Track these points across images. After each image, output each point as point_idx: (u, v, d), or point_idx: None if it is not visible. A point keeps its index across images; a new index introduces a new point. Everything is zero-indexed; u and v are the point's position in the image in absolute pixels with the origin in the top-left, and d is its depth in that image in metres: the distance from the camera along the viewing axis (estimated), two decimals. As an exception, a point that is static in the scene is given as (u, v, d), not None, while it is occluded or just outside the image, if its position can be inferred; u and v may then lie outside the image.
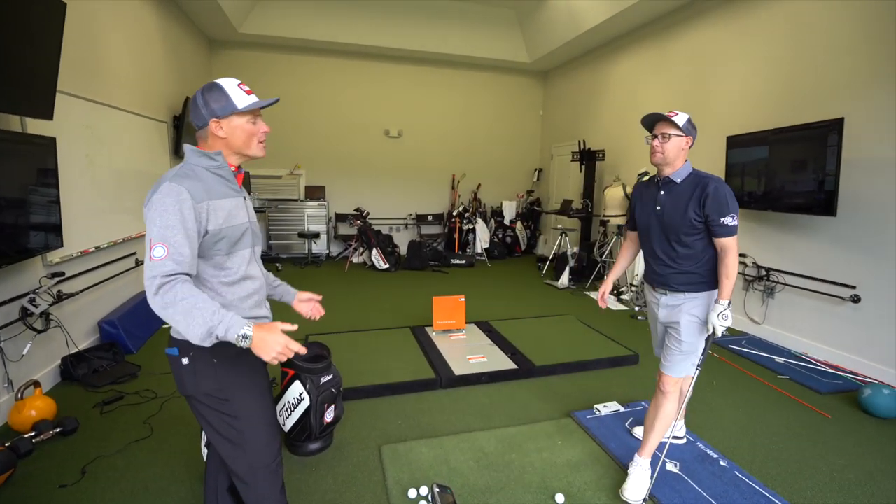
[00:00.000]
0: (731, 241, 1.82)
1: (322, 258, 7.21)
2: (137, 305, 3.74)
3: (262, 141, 1.35)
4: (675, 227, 1.90)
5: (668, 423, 2.01)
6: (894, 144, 3.11)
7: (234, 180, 1.35)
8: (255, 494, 1.37)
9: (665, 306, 2.01)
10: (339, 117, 7.43)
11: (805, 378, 3.21)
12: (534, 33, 7.04)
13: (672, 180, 1.92)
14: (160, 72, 4.79)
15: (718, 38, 4.58)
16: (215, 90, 1.25)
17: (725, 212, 1.79)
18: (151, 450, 2.28)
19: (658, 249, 1.99)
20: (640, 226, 2.08)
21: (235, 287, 1.31)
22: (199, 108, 1.25)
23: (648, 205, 2.01)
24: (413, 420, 2.60)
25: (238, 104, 1.26)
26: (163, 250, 1.12)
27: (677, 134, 1.86)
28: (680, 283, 1.94)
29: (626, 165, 5.94)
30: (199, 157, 1.29)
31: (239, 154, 1.33)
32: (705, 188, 1.82)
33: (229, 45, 6.75)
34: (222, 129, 1.27)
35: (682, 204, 1.87)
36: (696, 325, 1.93)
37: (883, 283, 3.19)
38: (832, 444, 2.45)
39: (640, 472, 2.01)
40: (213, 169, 1.29)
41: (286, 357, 1.15)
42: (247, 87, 1.31)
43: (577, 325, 4.19)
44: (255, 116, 1.31)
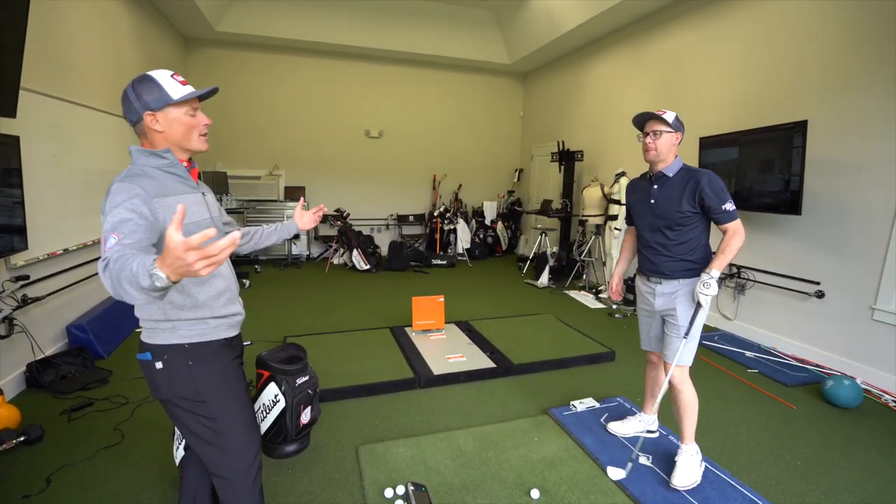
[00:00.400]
0: (736, 225, 1.91)
1: (302, 259, 7.14)
2: (109, 309, 3.64)
3: (203, 134, 1.31)
4: (668, 217, 2.00)
5: (694, 408, 2.08)
6: (853, 146, 3.24)
7: (189, 177, 1.31)
8: (235, 495, 1.36)
9: (661, 295, 2.08)
10: (318, 117, 7.37)
11: (773, 371, 3.32)
12: (513, 35, 7.10)
13: (664, 175, 2.03)
14: (133, 70, 4.68)
15: (691, 41, 4.69)
16: (147, 82, 1.21)
17: (725, 199, 1.90)
18: (121, 456, 2.23)
19: (652, 240, 2.08)
20: (636, 218, 2.18)
21: (206, 286, 1.30)
22: (132, 102, 1.20)
23: (642, 199, 2.12)
24: (391, 420, 2.60)
25: (173, 95, 1.22)
26: (114, 240, 1.05)
27: (668, 130, 1.96)
28: (674, 269, 2.03)
29: (604, 166, 6.04)
30: (146, 156, 1.24)
31: (180, 148, 1.28)
32: (699, 182, 1.92)
33: (206, 43, 6.64)
34: (158, 123, 1.22)
35: (676, 196, 1.97)
36: (691, 307, 2.01)
37: (844, 278, 3.31)
38: (797, 434, 2.54)
39: (685, 460, 2.08)
40: (165, 167, 1.25)
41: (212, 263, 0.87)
42: (181, 78, 1.27)
43: (556, 324, 4.24)
44: (193, 108, 1.27)
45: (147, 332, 1.29)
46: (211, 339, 1.32)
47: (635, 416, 2.48)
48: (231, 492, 1.36)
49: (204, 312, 1.29)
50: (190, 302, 1.27)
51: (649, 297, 2.15)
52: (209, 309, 1.30)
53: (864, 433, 2.56)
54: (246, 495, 1.37)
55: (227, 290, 1.37)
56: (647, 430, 2.43)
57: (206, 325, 1.31)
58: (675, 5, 4.87)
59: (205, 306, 1.29)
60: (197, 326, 1.29)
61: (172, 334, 1.27)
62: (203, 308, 1.29)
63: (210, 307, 1.30)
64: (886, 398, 2.95)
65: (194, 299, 1.28)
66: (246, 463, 1.36)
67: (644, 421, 2.44)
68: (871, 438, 2.51)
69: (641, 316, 2.28)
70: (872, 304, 3.14)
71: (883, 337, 3.09)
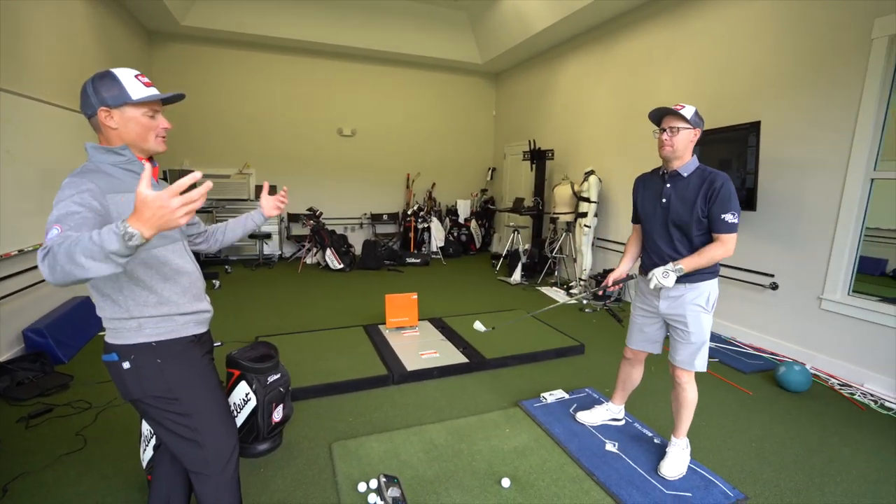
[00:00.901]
0: (729, 239, 1.84)
1: (274, 259, 7.02)
2: (69, 312, 3.51)
3: (161, 136, 1.29)
4: (681, 221, 1.91)
5: (693, 406, 2.10)
6: (803, 145, 3.44)
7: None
8: (213, 491, 1.36)
9: (666, 297, 2.02)
10: (289, 116, 7.26)
11: (732, 360, 3.49)
12: (485, 35, 7.18)
13: (679, 174, 1.94)
14: (92, 64, 4.51)
15: (655, 44, 4.86)
16: (107, 79, 1.19)
17: (729, 208, 1.82)
18: (84, 462, 2.17)
19: (660, 241, 2.01)
20: (645, 218, 2.09)
21: (170, 282, 1.29)
22: (89, 97, 1.19)
23: (652, 197, 2.03)
24: (364, 417, 2.61)
25: (132, 95, 1.20)
26: (56, 231, 1.01)
27: (685, 127, 1.88)
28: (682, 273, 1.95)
29: (574, 164, 6.18)
30: (102, 153, 1.22)
31: (135, 147, 1.26)
32: (713, 183, 1.84)
33: (171, 38, 6.44)
34: (113, 120, 1.20)
35: (690, 198, 1.88)
36: (700, 314, 1.97)
37: (795, 270, 3.51)
38: (752, 417, 2.69)
39: (676, 452, 2.13)
40: (122, 165, 1.23)
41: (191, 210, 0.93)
42: (146, 80, 1.25)
43: (528, 319, 4.32)
44: (153, 111, 1.25)
45: (111, 332, 1.27)
46: (179, 336, 1.31)
47: (602, 405, 2.56)
48: (209, 487, 1.36)
49: (170, 309, 1.28)
50: (155, 298, 1.26)
51: (653, 298, 2.10)
52: (175, 305, 1.29)
53: (813, 414, 2.73)
54: (224, 490, 1.37)
55: (193, 286, 1.36)
56: (613, 419, 2.53)
57: (174, 321, 1.30)
58: (640, 9, 5.03)
59: (171, 302, 1.28)
60: (163, 324, 1.28)
61: (138, 333, 1.25)
62: (169, 304, 1.28)
63: (176, 304, 1.29)
64: (833, 382, 3.15)
65: (159, 295, 1.26)
66: (223, 458, 1.36)
67: (611, 410, 2.52)
68: (818, 419, 2.68)
69: (638, 315, 2.22)
70: (820, 294, 3.34)
71: (830, 325, 3.29)
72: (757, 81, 3.77)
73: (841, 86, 3.19)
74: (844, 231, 3.20)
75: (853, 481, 2.13)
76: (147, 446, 1.88)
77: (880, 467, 2.24)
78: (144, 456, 1.90)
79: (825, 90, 3.29)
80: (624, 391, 2.48)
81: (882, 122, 3.03)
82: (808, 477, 2.15)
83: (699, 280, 1.98)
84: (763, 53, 3.72)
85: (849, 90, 3.15)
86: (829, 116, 3.26)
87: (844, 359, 3.21)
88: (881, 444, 2.44)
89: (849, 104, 3.15)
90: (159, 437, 1.53)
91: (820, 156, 3.33)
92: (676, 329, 2.06)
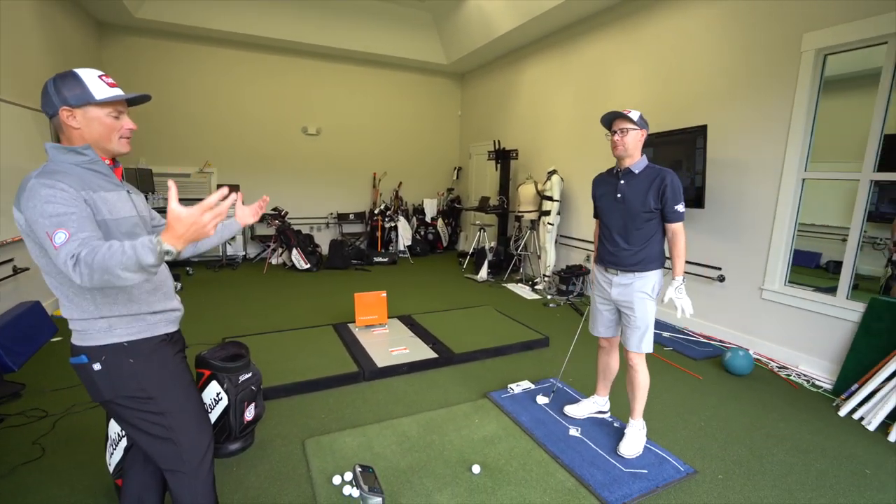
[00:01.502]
0: (680, 227, 2.12)
1: (238, 260, 6.86)
2: (18, 318, 3.34)
3: (125, 137, 1.29)
4: (633, 212, 2.14)
5: (646, 388, 2.29)
6: (744, 148, 3.72)
7: (112, 174, 1.29)
8: (190, 488, 1.37)
9: (617, 285, 2.24)
10: (252, 114, 7.10)
11: (684, 348, 3.73)
12: (450, 36, 7.27)
13: (631, 171, 2.16)
14: (37, 56, 4.28)
15: (611, 50, 5.09)
16: (69, 78, 1.19)
17: (679, 200, 2.08)
18: (45, 471, 2.10)
19: (614, 232, 2.22)
20: (602, 212, 2.30)
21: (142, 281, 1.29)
22: (50, 96, 1.18)
23: (609, 193, 2.24)
24: (337, 413, 2.64)
25: (96, 94, 1.19)
26: (64, 235, 1.05)
27: (633, 128, 2.10)
28: (631, 262, 2.18)
29: (538, 164, 6.38)
30: (63, 153, 1.20)
31: (99, 148, 1.25)
32: (663, 179, 2.07)
33: (124, 30, 6.16)
34: (75, 119, 1.19)
35: (642, 192, 2.11)
36: (645, 300, 2.19)
37: (740, 263, 3.80)
38: (701, 399, 2.90)
39: (633, 432, 2.30)
40: (85, 164, 1.22)
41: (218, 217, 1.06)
42: (111, 80, 1.25)
43: (495, 315, 4.45)
44: (118, 111, 1.25)
45: (79, 334, 1.26)
46: (150, 336, 1.32)
47: (589, 399, 2.67)
48: (185, 485, 1.36)
49: (140, 308, 1.29)
50: (125, 296, 1.26)
51: (606, 286, 2.30)
52: (146, 304, 1.30)
53: (754, 394, 2.97)
54: (200, 487, 1.38)
55: (164, 284, 1.36)
56: (599, 411, 2.65)
57: (144, 321, 1.30)
58: (596, 16, 5.26)
59: (140, 301, 1.28)
60: (134, 324, 1.29)
61: (109, 334, 1.25)
62: (139, 303, 1.28)
63: (146, 302, 1.30)
64: (772, 365, 3.43)
65: (129, 293, 1.26)
66: (199, 455, 1.37)
67: (597, 402, 2.65)
68: (758, 399, 2.92)
69: (595, 303, 2.41)
70: (761, 284, 3.63)
71: (770, 313, 3.59)
72: (703, 88, 4.04)
73: (776, 94, 3.48)
74: (781, 227, 3.49)
75: (787, 452, 2.36)
76: (115, 450, 1.85)
77: (809, 438, 2.49)
78: (112, 460, 1.87)
79: (762, 97, 3.57)
80: (605, 380, 2.61)
81: (811, 127, 3.33)
82: (748, 450, 2.37)
83: (647, 270, 2.19)
84: (708, 62, 3.99)
85: (782, 98, 3.43)
86: (766, 121, 3.55)
87: (782, 343, 3.51)
88: (811, 418, 2.70)
89: (782, 111, 3.44)
90: (131, 439, 1.53)
91: (759, 157, 3.62)
92: (626, 314, 2.26)
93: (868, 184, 3.04)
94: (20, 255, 3.78)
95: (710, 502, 1.98)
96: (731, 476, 2.16)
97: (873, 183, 3.04)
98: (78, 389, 2.85)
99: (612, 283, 2.27)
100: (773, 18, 3.49)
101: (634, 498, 1.97)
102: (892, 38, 2.88)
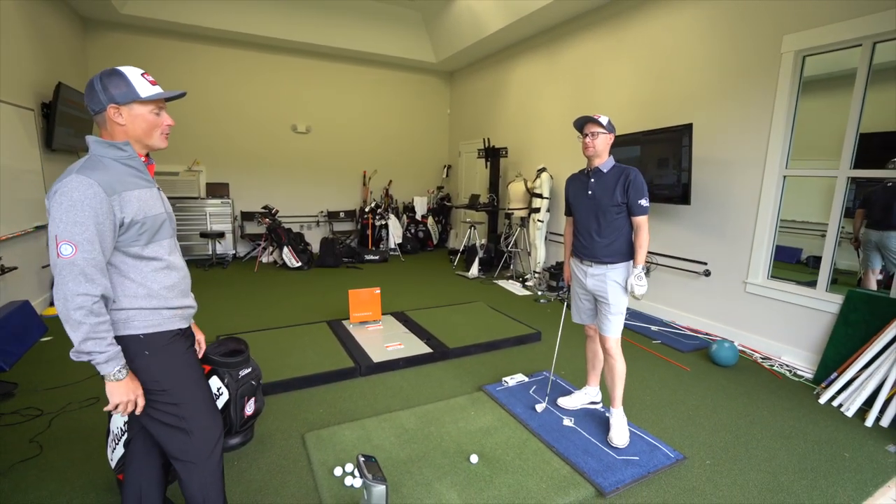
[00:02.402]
0: (644, 220, 2.27)
1: (228, 259, 6.82)
2: (7, 317, 3.29)
3: (165, 133, 1.34)
4: (603, 207, 2.30)
5: (623, 375, 2.39)
6: (728, 146, 3.83)
7: (145, 171, 1.33)
8: (201, 478, 1.40)
9: (592, 276, 2.38)
10: (241, 111, 7.05)
11: (672, 341, 3.84)
12: (439, 35, 7.30)
13: (601, 170, 2.34)
14: (20, 52, 4.20)
15: (598, 50, 5.18)
16: (115, 76, 1.23)
17: (642, 195, 2.25)
18: (43, 468, 2.10)
19: (588, 227, 2.38)
20: (575, 209, 2.46)
21: (160, 275, 1.32)
22: (97, 93, 1.22)
23: (581, 192, 2.41)
24: (335, 407, 2.68)
25: (140, 93, 1.25)
26: (70, 248, 1.12)
27: (603, 132, 2.28)
28: (604, 254, 2.33)
29: (527, 162, 6.45)
30: (105, 147, 1.25)
31: (140, 143, 1.31)
32: (628, 176, 2.25)
33: (109, 26, 6.07)
34: (121, 116, 1.25)
35: (610, 189, 2.29)
36: (618, 288, 2.33)
37: (725, 258, 3.91)
38: (689, 390, 3.00)
39: (618, 420, 2.38)
40: (123, 160, 1.27)
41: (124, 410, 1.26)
42: (151, 78, 1.30)
43: (487, 310, 4.51)
44: (158, 108, 1.30)
45: None
46: (165, 330, 1.35)
47: (581, 390, 2.75)
48: (195, 476, 1.39)
49: (158, 303, 1.31)
50: (144, 291, 1.29)
51: (582, 277, 2.44)
52: (163, 299, 1.33)
53: (739, 384, 3.08)
54: (209, 478, 1.41)
55: (182, 282, 1.40)
56: (592, 402, 2.72)
57: (160, 315, 1.33)
58: (584, 17, 5.35)
59: (159, 296, 1.31)
60: (151, 317, 1.31)
61: (126, 325, 1.28)
62: (158, 298, 1.31)
63: (164, 297, 1.33)
64: (756, 356, 3.55)
65: (149, 289, 1.29)
66: (210, 446, 1.40)
67: (589, 394, 2.72)
68: (743, 388, 3.03)
69: (575, 294, 2.56)
70: (745, 278, 3.75)
71: (753, 306, 3.71)
72: (689, 87, 4.15)
73: (758, 93, 3.59)
74: (763, 222, 3.61)
75: (771, 438, 2.46)
76: (117, 445, 1.86)
77: (793, 425, 2.60)
78: (114, 455, 1.88)
79: (745, 97, 3.69)
80: (595, 370, 2.69)
81: (791, 125, 3.45)
82: (734, 437, 2.46)
83: (618, 262, 2.34)
84: (693, 62, 4.10)
85: (764, 97, 3.55)
86: (749, 120, 3.67)
87: (765, 335, 3.63)
88: (793, 406, 2.81)
89: (764, 109, 3.55)
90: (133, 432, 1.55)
91: (742, 155, 3.74)
92: (601, 302, 2.39)
93: (845, 180, 3.17)
94: (8, 253, 3.72)
95: (699, 486, 2.06)
96: (719, 461, 2.25)
97: (850, 180, 3.17)
98: (72, 388, 2.84)
99: (587, 273, 2.42)
100: (755, 21, 3.60)
101: (627, 483, 2.05)
102: (867, 40, 3.01)
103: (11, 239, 3.77)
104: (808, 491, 2.05)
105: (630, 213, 2.29)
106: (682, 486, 2.07)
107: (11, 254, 3.78)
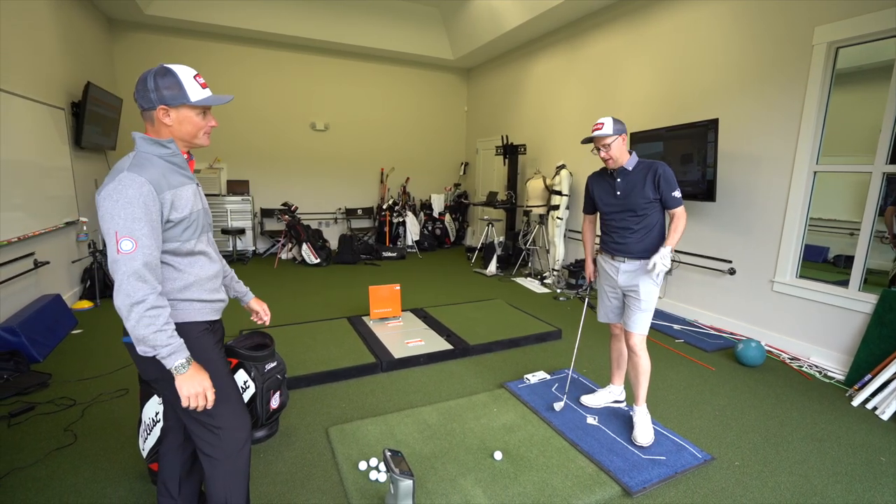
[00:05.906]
0: (681, 210, 2.24)
1: (248, 255, 6.92)
2: (42, 310, 3.40)
3: (207, 132, 1.37)
4: (635, 205, 2.28)
5: (648, 373, 2.36)
6: (755, 141, 3.74)
7: (187, 167, 1.35)
8: (224, 477, 1.40)
9: (625, 272, 2.35)
10: (261, 110, 7.14)
11: (696, 340, 3.77)
12: (457, 32, 7.28)
13: (626, 169, 2.31)
14: (52, 52, 4.32)
15: (620, 45, 5.10)
16: (169, 77, 1.25)
17: (674, 188, 2.22)
18: (78, 456, 2.16)
19: (619, 224, 2.35)
20: (602, 209, 2.43)
21: (197, 266, 1.34)
22: (149, 92, 1.24)
23: (608, 193, 2.38)
24: (357, 402, 2.70)
25: (192, 97, 1.26)
26: (131, 244, 1.14)
27: (612, 138, 2.24)
28: (638, 249, 2.30)
29: (546, 159, 6.40)
30: (150, 145, 1.27)
31: (184, 142, 1.33)
32: (656, 171, 2.23)
33: (134, 26, 6.20)
34: (170, 118, 1.27)
35: (639, 186, 2.27)
36: (651, 285, 2.29)
37: (751, 256, 3.82)
38: (715, 389, 2.94)
39: (642, 419, 2.36)
40: (166, 157, 1.29)
41: (197, 405, 1.26)
42: (202, 80, 1.32)
43: (506, 308, 4.49)
44: (204, 110, 1.32)
45: None
46: (195, 321, 1.36)
47: (605, 388, 2.72)
48: (220, 473, 1.40)
49: (192, 293, 1.33)
50: (181, 282, 1.31)
51: (613, 274, 2.40)
52: (198, 290, 1.34)
53: (766, 385, 3.01)
54: (234, 476, 1.42)
55: (218, 275, 1.42)
56: (616, 401, 2.69)
57: (192, 306, 1.35)
58: (605, 11, 5.27)
59: (195, 286, 1.33)
60: (182, 306, 1.33)
61: None
62: (192, 288, 1.33)
63: (200, 287, 1.35)
64: (783, 356, 3.46)
65: (185, 279, 1.32)
66: (237, 444, 1.41)
67: (613, 392, 2.69)
68: (771, 389, 2.96)
69: (604, 292, 2.51)
70: (772, 277, 3.66)
71: (781, 305, 3.61)
72: (714, 82, 4.06)
73: (787, 87, 3.49)
74: (792, 220, 3.51)
75: (802, 440, 2.40)
76: (149, 435, 1.91)
77: (825, 427, 2.53)
78: (146, 445, 1.92)
79: (774, 90, 3.59)
80: (619, 369, 2.65)
81: (822, 119, 3.35)
82: (764, 438, 2.41)
83: (650, 256, 2.27)
84: (718, 55, 4.00)
85: (794, 91, 3.45)
86: (778, 115, 3.57)
87: (793, 335, 3.54)
88: (824, 408, 2.74)
89: (794, 104, 3.45)
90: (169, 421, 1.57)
91: (770, 151, 3.64)
92: (631, 298, 2.34)
93: (881, 176, 3.07)
94: (41, 249, 3.83)
95: (728, 487, 2.02)
96: (748, 462, 2.20)
97: (885, 176, 3.06)
98: (103, 379, 2.91)
99: (619, 270, 2.37)
100: (784, 11, 3.50)
101: (655, 483, 2.02)
102: (906, 30, 2.90)
103: (43, 234, 3.88)
104: (844, 495, 1.99)
105: (666, 207, 2.27)
106: (710, 487, 2.03)
107: (44, 249, 3.89)
